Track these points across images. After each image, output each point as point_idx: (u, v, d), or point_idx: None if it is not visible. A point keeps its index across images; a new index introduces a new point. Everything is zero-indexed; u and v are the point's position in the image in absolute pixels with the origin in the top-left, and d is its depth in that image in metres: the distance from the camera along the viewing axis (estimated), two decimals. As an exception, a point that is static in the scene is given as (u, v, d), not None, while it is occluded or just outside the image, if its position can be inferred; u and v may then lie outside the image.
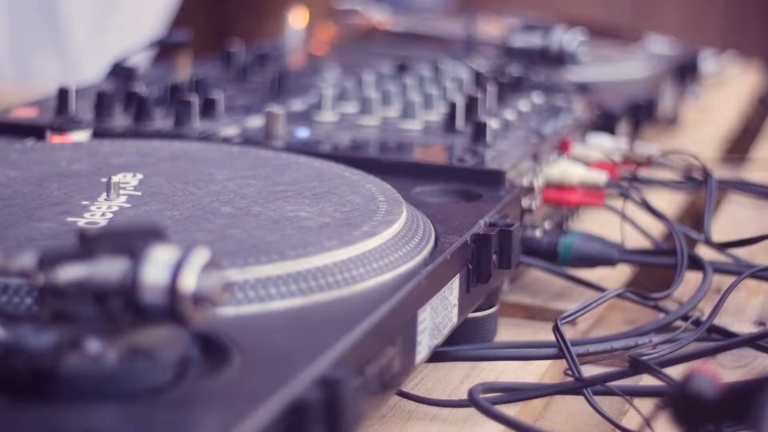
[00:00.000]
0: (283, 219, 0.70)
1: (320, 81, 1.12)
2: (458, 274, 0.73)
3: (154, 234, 0.56)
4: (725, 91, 1.67)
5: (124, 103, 0.97)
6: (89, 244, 0.55)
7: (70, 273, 0.55)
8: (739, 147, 1.49)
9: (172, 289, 0.53)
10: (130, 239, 0.55)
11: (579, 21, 1.58)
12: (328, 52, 1.28)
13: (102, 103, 0.94)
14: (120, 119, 0.94)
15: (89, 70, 1.75)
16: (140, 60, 1.09)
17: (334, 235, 0.67)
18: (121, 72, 1.06)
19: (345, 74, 1.14)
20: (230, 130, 0.92)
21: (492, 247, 0.75)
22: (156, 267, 0.53)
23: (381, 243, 0.68)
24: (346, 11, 1.33)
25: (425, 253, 0.70)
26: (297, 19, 1.30)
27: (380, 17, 1.30)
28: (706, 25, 3.18)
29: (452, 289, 0.72)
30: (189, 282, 0.53)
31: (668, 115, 1.41)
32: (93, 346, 0.54)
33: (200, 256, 0.54)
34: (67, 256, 0.55)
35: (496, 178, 0.84)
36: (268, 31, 1.35)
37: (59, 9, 1.89)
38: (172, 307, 0.54)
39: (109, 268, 0.54)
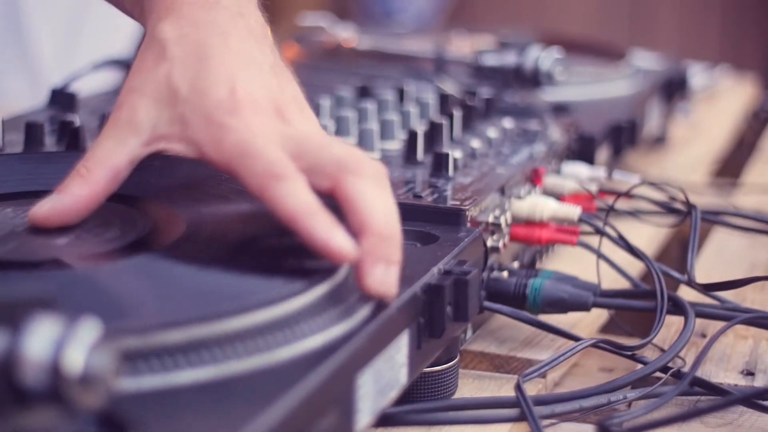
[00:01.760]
0: (203, 270, 0.63)
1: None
2: (407, 330, 0.65)
3: (39, 303, 0.49)
4: (717, 106, 1.59)
5: (58, 133, 0.89)
6: (-37, 315, 0.48)
7: (-60, 349, 0.48)
8: (731, 166, 1.41)
9: (56, 369, 0.47)
10: (11, 309, 0.49)
11: (565, 38, 1.50)
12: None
13: (32, 134, 0.86)
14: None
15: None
16: (81, 86, 1.01)
17: (258, 290, 0.60)
18: (60, 99, 0.98)
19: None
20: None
21: (445, 298, 0.67)
22: (38, 343, 0.47)
23: (313, 299, 0.61)
24: (310, 28, 1.25)
25: (367, 309, 0.63)
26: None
27: (346, 35, 1.23)
28: (703, 40, 3.11)
29: (399, 348, 0.65)
30: (75, 361, 0.47)
31: (656, 134, 1.33)
32: (-33, 433, 0.47)
33: (89, 331, 0.47)
34: (-63, 329, 0.48)
35: (455, 217, 0.76)
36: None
37: (26, 27, 1.82)
38: (57, 389, 0.47)
39: (-14, 343, 0.48)
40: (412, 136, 0.87)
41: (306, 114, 0.70)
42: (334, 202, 0.64)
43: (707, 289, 0.82)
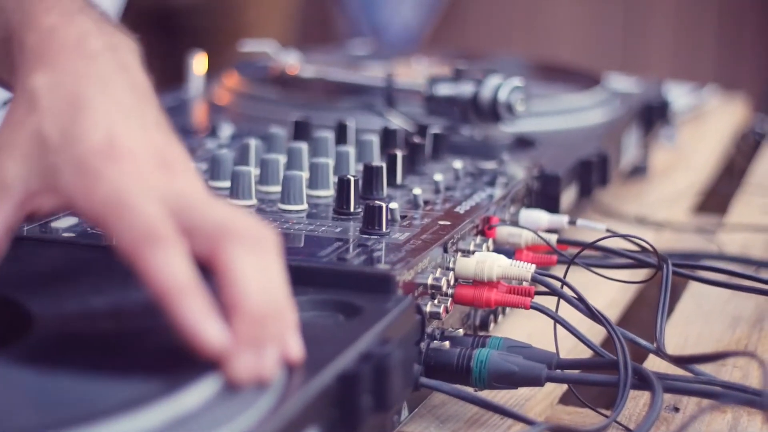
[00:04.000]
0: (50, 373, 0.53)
1: (209, 142, 0.95)
2: (315, 427, 0.55)
3: None
4: (703, 128, 1.49)
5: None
6: None
7: None
8: (717, 198, 1.31)
9: None
10: None
11: (537, 62, 1.41)
12: (230, 102, 1.10)
13: None
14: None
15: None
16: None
17: (127, 392, 0.49)
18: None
19: (239, 133, 0.96)
20: (70, 220, 0.74)
21: (362, 387, 0.57)
22: None
23: (197, 399, 0.50)
24: (252, 54, 1.15)
25: (264, 404, 0.52)
26: (198, 65, 1.13)
27: (290, 60, 1.12)
28: (698, 62, 3.00)
29: (305, 449, 0.54)
30: None
31: (635, 163, 1.23)
32: None
33: None
34: None
35: (383, 283, 0.66)
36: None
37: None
38: None
39: None
40: (344, 185, 0.76)
41: (191, 172, 0.60)
42: None
43: (678, 361, 0.72)
